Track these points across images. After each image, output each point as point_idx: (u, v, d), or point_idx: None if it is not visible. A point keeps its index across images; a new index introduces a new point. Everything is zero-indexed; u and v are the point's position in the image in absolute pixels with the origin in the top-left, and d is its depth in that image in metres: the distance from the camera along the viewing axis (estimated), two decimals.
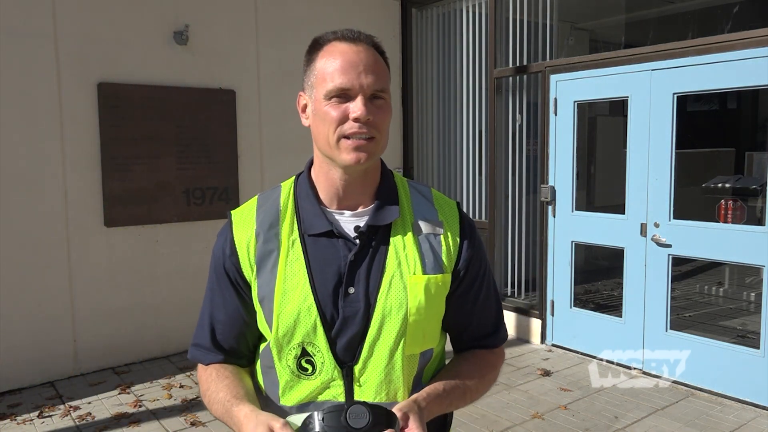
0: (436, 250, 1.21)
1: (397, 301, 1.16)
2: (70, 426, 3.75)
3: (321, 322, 1.15)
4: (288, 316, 1.16)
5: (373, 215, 1.20)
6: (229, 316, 1.25)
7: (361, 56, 1.13)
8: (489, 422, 3.70)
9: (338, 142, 1.14)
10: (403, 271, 1.18)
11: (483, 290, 1.29)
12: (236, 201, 5.18)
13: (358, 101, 1.12)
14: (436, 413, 1.18)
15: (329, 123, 1.13)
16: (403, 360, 1.18)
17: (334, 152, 1.15)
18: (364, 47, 1.15)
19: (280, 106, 5.38)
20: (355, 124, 1.12)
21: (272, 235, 1.20)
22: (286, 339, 1.17)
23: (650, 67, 4.27)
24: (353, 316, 1.16)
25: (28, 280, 4.34)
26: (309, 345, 1.17)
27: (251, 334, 1.26)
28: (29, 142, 4.30)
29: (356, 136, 1.12)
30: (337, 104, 1.13)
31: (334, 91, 1.12)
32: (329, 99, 1.13)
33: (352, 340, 1.16)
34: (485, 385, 1.29)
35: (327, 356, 1.16)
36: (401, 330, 1.16)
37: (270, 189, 1.30)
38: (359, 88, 1.12)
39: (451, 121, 6.03)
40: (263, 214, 1.23)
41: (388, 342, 1.17)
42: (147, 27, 4.73)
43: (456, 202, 1.30)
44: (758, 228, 3.89)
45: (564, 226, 4.92)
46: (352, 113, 1.12)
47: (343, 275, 1.17)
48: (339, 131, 1.13)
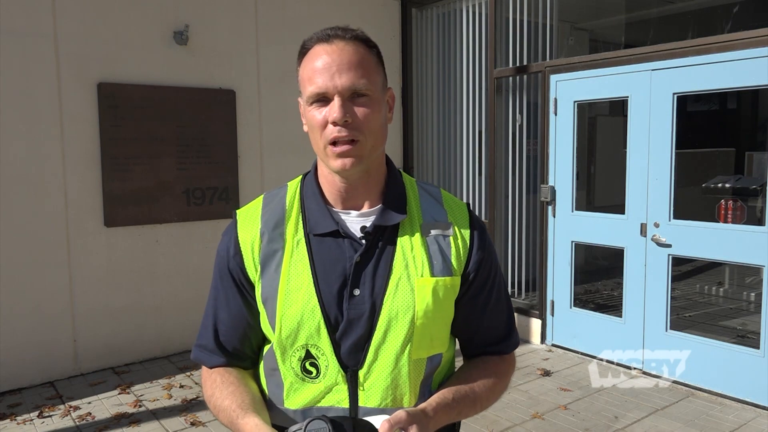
0: (445, 251, 1.18)
1: (404, 303, 1.13)
2: (70, 426, 3.75)
3: (325, 324, 1.12)
4: (291, 317, 1.13)
5: (380, 215, 1.16)
6: (233, 317, 1.22)
7: (335, 56, 1.09)
8: (489, 422, 3.70)
9: (325, 149, 1.12)
10: (410, 272, 1.14)
11: (494, 294, 1.25)
12: (236, 201, 5.18)
13: (334, 103, 1.09)
14: (445, 422, 1.14)
15: (315, 129, 1.12)
16: (409, 364, 1.14)
17: (325, 158, 1.14)
18: (340, 45, 1.10)
19: (280, 106, 5.38)
20: (334, 128, 1.09)
21: (277, 235, 1.17)
22: (289, 341, 1.14)
23: (650, 67, 4.27)
24: (358, 319, 1.12)
25: (28, 279, 4.34)
26: (313, 347, 1.13)
27: (255, 335, 1.23)
28: (29, 142, 4.30)
29: (339, 141, 1.09)
30: (319, 108, 1.11)
31: (312, 96, 1.10)
32: (311, 104, 1.12)
33: (356, 344, 1.13)
34: (496, 393, 1.25)
35: (331, 359, 1.13)
36: (408, 334, 1.13)
37: (277, 188, 1.27)
38: (334, 89, 1.08)
39: (451, 121, 6.02)
40: (268, 213, 1.20)
41: (395, 346, 1.13)
42: (147, 27, 4.73)
43: (466, 203, 1.27)
44: (758, 228, 3.89)
45: (564, 226, 4.92)
46: (329, 117, 1.09)
47: (349, 276, 1.13)
48: (324, 137, 1.11)
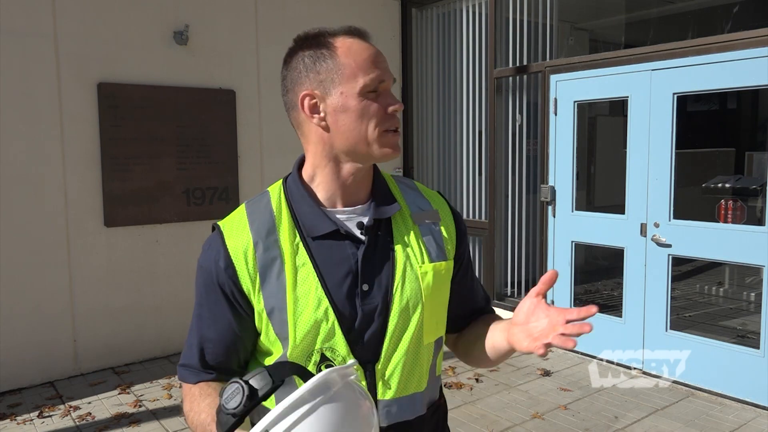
0: (437, 238, 1.23)
1: (413, 292, 1.16)
2: (70, 426, 3.75)
3: (339, 325, 1.12)
4: (304, 324, 1.11)
5: (376, 210, 1.18)
6: (220, 333, 1.17)
7: (376, 52, 1.15)
8: (489, 422, 3.70)
9: (381, 136, 1.13)
10: (413, 262, 1.18)
11: (470, 267, 1.36)
12: (236, 201, 5.18)
13: (393, 94, 1.15)
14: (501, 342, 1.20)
15: (371, 117, 1.11)
16: (423, 350, 1.19)
17: (371, 147, 1.13)
18: (371, 44, 1.17)
19: (280, 106, 5.26)
20: (393, 117, 1.14)
21: (272, 242, 1.14)
22: (304, 348, 1.12)
23: (650, 67, 4.27)
24: (371, 314, 1.14)
25: (28, 279, 4.34)
26: (328, 350, 1.12)
27: (244, 350, 1.19)
28: (29, 142, 4.30)
29: (393, 129, 1.14)
30: (375, 98, 1.12)
31: (374, 82, 1.11)
32: (365, 93, 1.11)
33: (372, 338, 1.14)
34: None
35: (348, 358, 1.13)
36: (420, 321, 1.17)
37: (257, 195, 1.24)
38: (390, 79, 1.15)
39: (451, 121, 6.02)
40: (257, 221, 1.16)
41: (410, 334, 1.16)
42: (147, 27, 4.73)
43: (438, 191, 1.34)
44: (758, 228, 3.89)
45: (564, 226, 4.92)
46: (391, 106, 1.13)
47: (357, 274, 1.14)
48: (381, 125, 1.12)
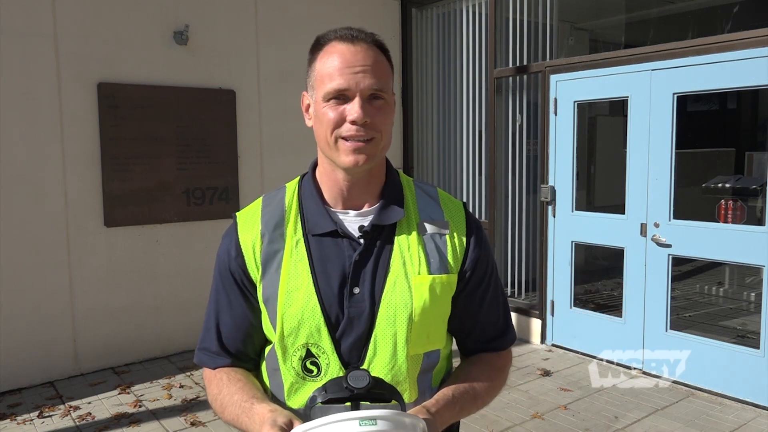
0: (442, 250, 1.21)
1: (402, 300, 1.16)
2: (70, 426, 3.75)
3: (325, 323, 1.14)
4: (292, 317, 1.15)
5: (378, 215, 1.19)
6: (236, 319, 1.23)
7: (359, 56, 1.12)
8: (489, 422, 3.70)
9: (336, 143, 1.13)
10: (408, 270, 1.17)
11: (490, 291, 1.28)
12: (236, 201, 5.18)
13: (355, 103, 1.11)
14: (449, 421, 1.15)
15: (326, 125, 1.14)
16: (407, 360, 1.17)
17: (333, 154, 1.15)
18: (363, 47, 1.14)
19: (280, 106, 5.38)
20: (352, 126, 1.12)
21: (278, 236, 1.19)
22: (290, 340, 1.16)
23: (650, 67, 4.27)
24: (358, 317, 1.15)
25: (28, 280, 4.34)
26: (313, 346, 1.16)
27: (258, 336, 1.24)
28: (29, 142, 4.30)
29: (354, 139, 1.12)
30: (335, 106, 1.13)
31: (332, 92, 1.12)
32: (327, 100, 1.13)
33: (357, 341, 1.15)
34: (495, 389, 1.27)
35: (332, 357, 1.15)
36: (406, 330, 1.15)
37: (275, 189, 1.29)
38: (356, 89, 1.11)
39: (451, 121, 6.02)
40: (268, 214, 1.22)
41: (393, 342, 1.16)
42: (147, 27, 4.73)
43: (463, 202, 1.30)
44: (758, 228, 3.89)
45: (564, 226, 4.92)
46: (349, 115, 1.11)
47: (348, 275, 1.16)
48: (336, 133, 1.13)
